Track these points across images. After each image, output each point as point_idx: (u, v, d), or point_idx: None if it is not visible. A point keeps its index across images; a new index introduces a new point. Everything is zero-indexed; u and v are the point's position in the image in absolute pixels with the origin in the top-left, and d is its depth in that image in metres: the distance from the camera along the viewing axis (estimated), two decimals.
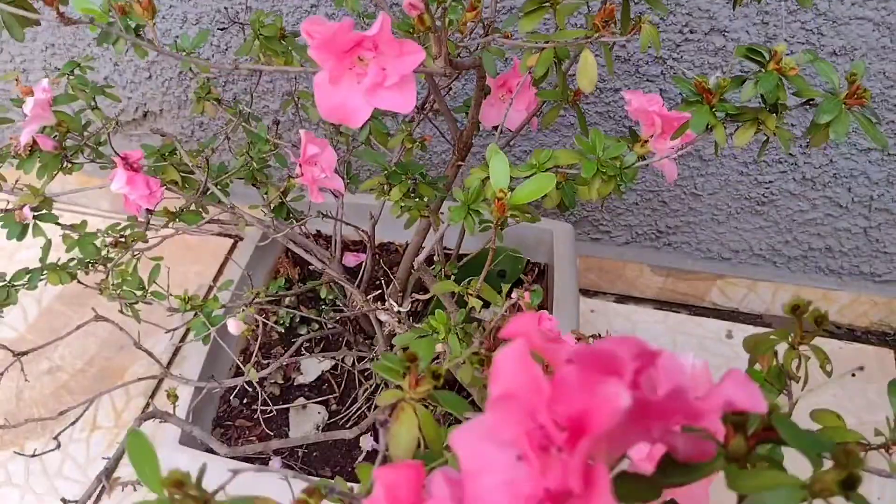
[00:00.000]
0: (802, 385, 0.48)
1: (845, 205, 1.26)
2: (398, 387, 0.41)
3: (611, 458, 0.29)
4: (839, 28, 1.06)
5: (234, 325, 0.76)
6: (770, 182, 1.26)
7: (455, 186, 0.79)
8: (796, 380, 0.48)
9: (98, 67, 1.39)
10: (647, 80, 1.17)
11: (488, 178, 0.62)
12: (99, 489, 0.68)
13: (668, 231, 1.39)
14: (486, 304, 0.72)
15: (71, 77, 0.97)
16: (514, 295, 0.61)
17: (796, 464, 0.33)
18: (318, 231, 1.23)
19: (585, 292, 1.52)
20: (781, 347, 0.49)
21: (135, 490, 0.76)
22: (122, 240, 0.79)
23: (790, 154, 1.21)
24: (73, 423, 0.95)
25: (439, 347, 0.63)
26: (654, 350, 0.28)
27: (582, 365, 0.27)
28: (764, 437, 0.33)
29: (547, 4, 0.63)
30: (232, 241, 1.65)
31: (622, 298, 1.51)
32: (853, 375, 1.37)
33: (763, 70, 0.60)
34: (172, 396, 0.80)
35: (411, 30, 0.62)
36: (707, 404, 0.29)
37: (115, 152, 0.74)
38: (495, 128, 0.88)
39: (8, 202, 0.90)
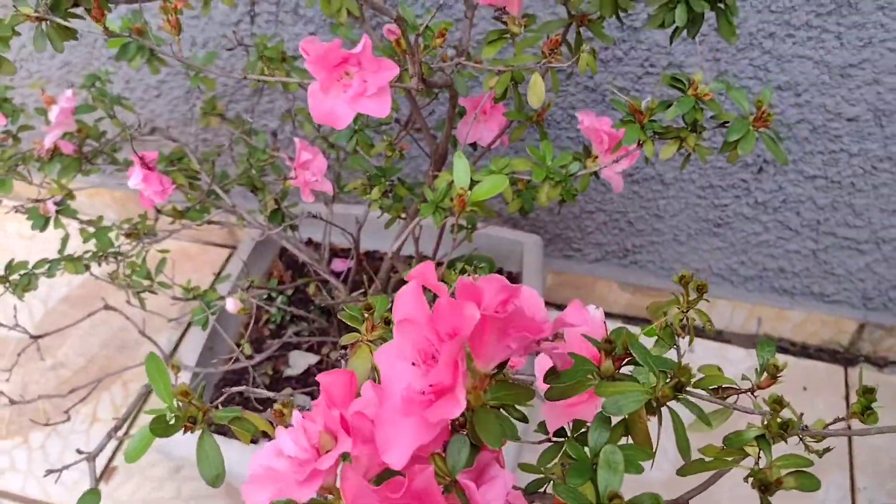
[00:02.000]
0: (689, 341, 0.59)
1: (795, 228, 1.37)
2: (357, 331, 0.51)
3: (486, 362, 0.40)
4: (783, 65, 1.18)
5: (233, 304, 0.87)
6: (725, 205, 1.37)
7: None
8: (681, 336, 0.58)
9: (110, 86, 1.51)
10: (612, 109, 1.29)
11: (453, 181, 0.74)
12: (110, 443, 0.78)
13: (635, 250, 1.50)
14: None
15: (92, 89, 1.08)
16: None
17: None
18: (309, 238, 1.34)
19: (559, 307, 1.62)
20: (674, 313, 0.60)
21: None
22: (135, 230, 0.89)
23: (742, 180, 1.33)
24: (83, 399, 1.05)
25: None
26: (516, 287, 0.39)
27: (459, 295, 0.38)
28: (625, 360, 0.44)
29: (507, 35, 0.74)
30: (228, 251, 1.75)
31: None
32: (804, 389, 1.48)
33: (684, 95, 0.72)
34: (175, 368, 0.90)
35: (392, 51, 0.74)
36: (551, 325, 0.40)
37: (134, 151, 0.85)
38: (472, 144, 1.00)
39: (28, 201, 1.01)
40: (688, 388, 0.44)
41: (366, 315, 0.50)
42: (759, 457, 0.48)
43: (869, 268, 1.39)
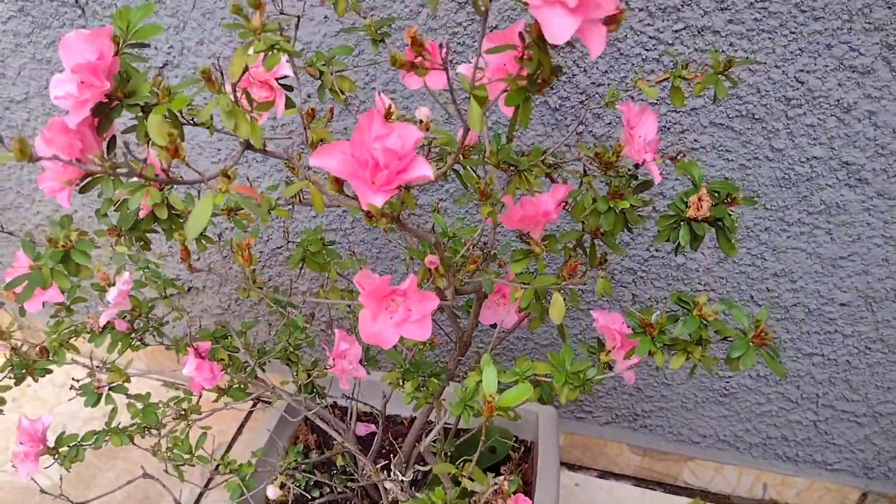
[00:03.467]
0: None
1: (796, 400, 1.44)
2: None
3: None
4: (779, 255, 1.28)
5: (273, 492, 0.93)
6: (730, 377, 1.45)
7: (455, 381, 0.98)
8: None
9: (155, 247, 1.62)
10: (622, 285, 1.39)
11: (481, 381, 0.81)
12: None
13: (644, 414, 1.56)
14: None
15: (146, 270, 1.18)
16: (497, 480, 0.79)
17: None
18: (334, 402, 1.41)
19: (570, 466, 1.67)
20: None
21: None
22: (184, 413, 0.97)
23: None
24: None
25: None
26: None
27: None
28: None
29: (531, 254, 0.84)
30: (251, 402, 1.81)
31: (604, 474, 1.66)
32: None
33: (690, 314, 0.81)
34: None
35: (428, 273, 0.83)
36: None
37: (191, 343, 0.94)
38: (493, 325, 1.08)
39: (89, 373, 1.09)
40: None
41: None
42: None
43: (868, 439, 1.45)
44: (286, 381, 1.14)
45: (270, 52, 0.64)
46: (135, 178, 0.79)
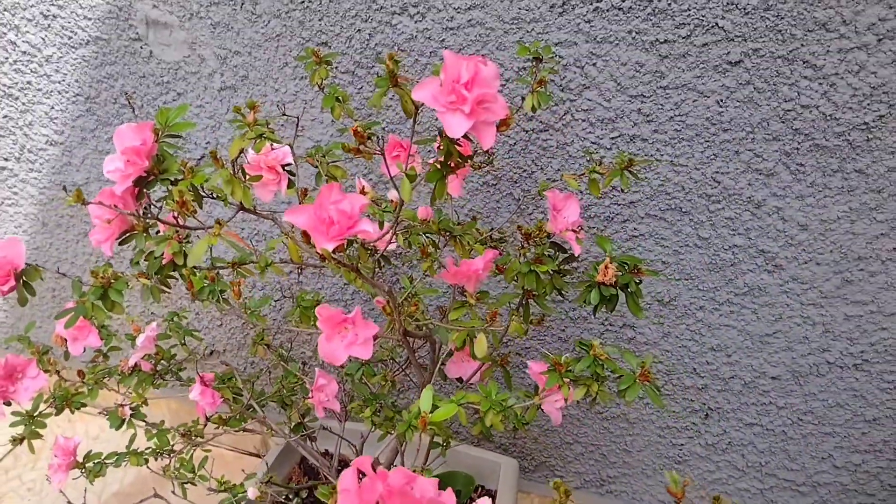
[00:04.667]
0: None
1: (742, 468, 1.59)
2: None
3: None
4: (714, 331, 1.47)
5: (252, 492, 1.12)
6: (682, 444, 1.61)
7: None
8: None
9: (185, 321, 1.87)
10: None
11: None
12: None
13: (610, 480, 1.72)
14: None
15: (171, 322, 1.42)
16: None
17: None
18: (326, 450, 1.60)
19: None
20: None
21: None
22: (189, 432, 1.18)
23: (693, 423, 1.57)
24: None
25: None
26: (414, 476, 0.66)
27: (376, 477, 0.65)
28: None
29: (466, 304, 1.06)
30: (258, 461, 2.01)
31: None
32: None
33: (587, 355, 1.01)
34: None
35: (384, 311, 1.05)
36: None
37: (198, 373, 1.16)
38: (458, 379, 1.28)
39: (115, 405, 1.31)
40: None
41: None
42: None
43: None
44: (281, 424, 1.35)
45: (259, 140, 0.89)
46: (161, 232, 1.04)
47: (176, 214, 0.86)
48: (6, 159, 1.80)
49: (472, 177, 1.46)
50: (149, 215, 1.05)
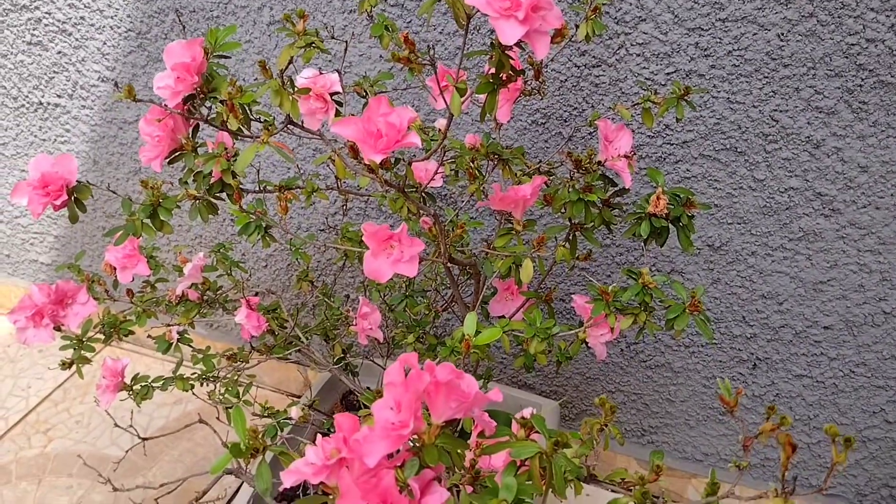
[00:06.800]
0: None
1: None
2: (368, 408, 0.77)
3: (438, 417, 0.65)
4: (765, 278, 1.43)
5: (296, 412, 1.13)
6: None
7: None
8: None
9: (231, 254, 1.88)
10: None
11: None
12: None
13: (651, 430, 1.70)
14: None
15: (218, 254, 1.43)
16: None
17: None
18: (367, 387, 1.61)
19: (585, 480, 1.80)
20: None
21: None
22: (234, 355, 1.19)
23: (740, 373, 1.54)
24: (171, 491, 1.30)
25: None
26: (460, 372, 0.65)
27: (422, 371, 0.64)
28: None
29: (513, 232, 1.04)
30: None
31: (613, 486, 1.79)
32: None
33: (636, 283, 0.99)
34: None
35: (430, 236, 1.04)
36: (475, 396, 0.65)
37: (244, 296, 1.17)
38: (501, 318, 1.27)
39: (164, 326, 1.33)
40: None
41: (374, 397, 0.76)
42: None
43: (859, 465, 1.54)
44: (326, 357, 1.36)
45: (308, 49, 0.88)
46: (209, 151, 1.04)
47: (226, 119, 0.86)
48: (59, 96, 1.82)
49: (520, 115, 1.44)
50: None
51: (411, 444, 0.67)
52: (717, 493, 0.74)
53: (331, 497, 0.67)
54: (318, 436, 0.68)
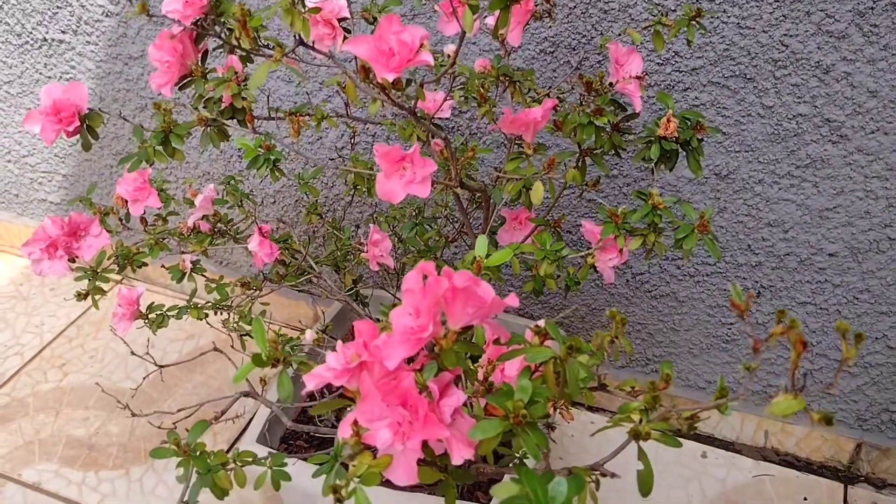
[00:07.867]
0: None
1: None
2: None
3: (455, 323, 0.67)
4: (771, 206, 1.44)
5: (310, 335, 1.16)
6: (731, 324, 1.60)
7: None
8: None
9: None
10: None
11: None
12: None
13: (655, 359, 1.73)
14: None
15: (228, 186, 1.44)
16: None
17: None
18: (377, 319, 1.63)
19: (588, 407, 1.84)
20: None
21: None
22: (248, 282, 1.21)
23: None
24: (188, 416, 1.34)
25: None
26: (477, 279, 0.67)
27: (439, 277, 0.66)
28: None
29: (523, 156, 1.05)
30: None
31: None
32: (805, 500, 1.63)
33: (645, 204, 1.00)
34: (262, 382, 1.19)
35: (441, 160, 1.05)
36: (493, 302, 0.67)
37: (256, 224, 1.18)
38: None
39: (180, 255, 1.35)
40: None
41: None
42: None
43: (860, 390, 1.57)
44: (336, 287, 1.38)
45: None
46: (218, 76, 1.04)
47: (238, 36, 0.86)
48: (63, 32, 1.81)
49: (528, 44, 1.43)
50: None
51: (429, 350, 0.69)
52: (726, 396, 0.76)
53: (351, 403, 0.69)
54: (339, 342, 0.70)
